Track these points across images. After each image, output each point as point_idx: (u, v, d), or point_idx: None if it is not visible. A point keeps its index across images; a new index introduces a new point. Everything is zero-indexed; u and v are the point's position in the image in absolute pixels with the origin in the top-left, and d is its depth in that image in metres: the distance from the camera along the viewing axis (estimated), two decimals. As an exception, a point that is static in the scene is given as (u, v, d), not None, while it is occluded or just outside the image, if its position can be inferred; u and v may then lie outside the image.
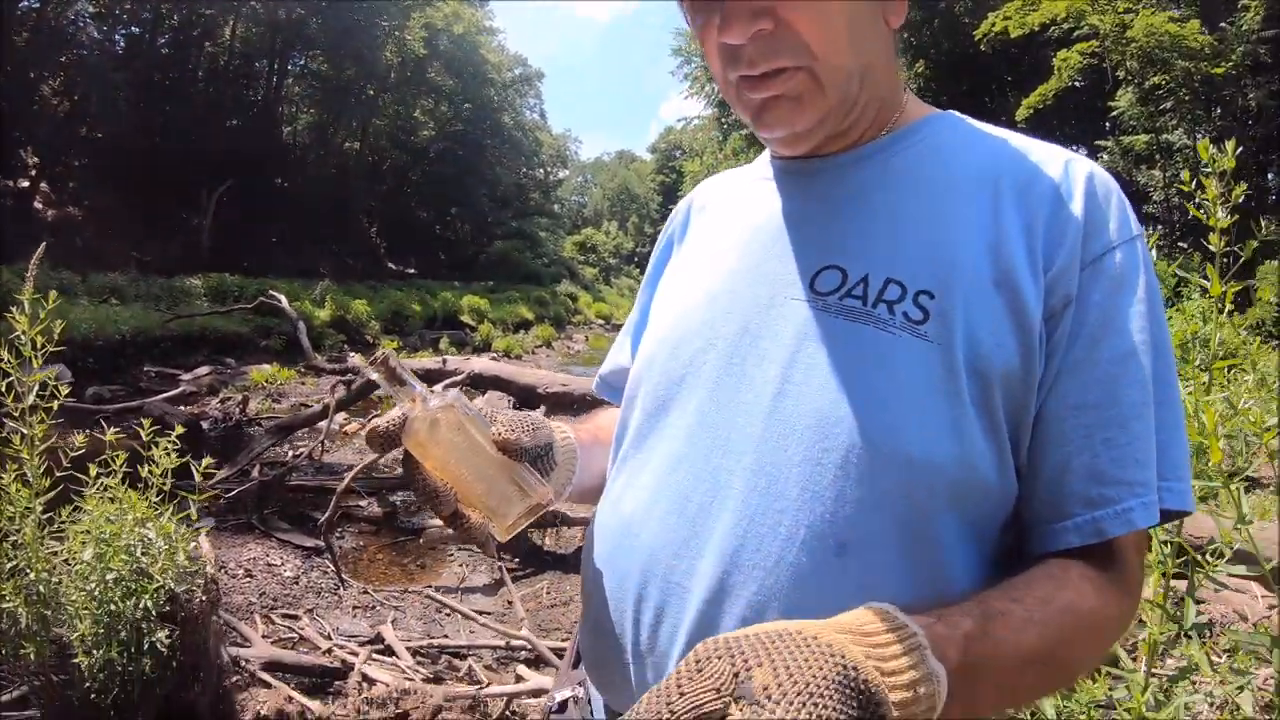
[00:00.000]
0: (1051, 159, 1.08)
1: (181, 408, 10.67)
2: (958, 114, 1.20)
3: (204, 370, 15.01)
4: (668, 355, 1.17)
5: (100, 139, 29.58)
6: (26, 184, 27.49)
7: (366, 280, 34.03)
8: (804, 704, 0.63)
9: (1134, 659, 2.35)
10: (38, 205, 27.32)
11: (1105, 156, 27.42)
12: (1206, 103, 23.14)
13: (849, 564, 0.95)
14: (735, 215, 1.27)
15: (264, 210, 35.13)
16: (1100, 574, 0.96)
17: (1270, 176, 24.14)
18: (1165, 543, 2.04)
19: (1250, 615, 3.98)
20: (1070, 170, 1.06)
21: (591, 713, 1.29)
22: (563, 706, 1.34)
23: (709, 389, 1.09)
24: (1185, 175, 2.01)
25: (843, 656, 0.68)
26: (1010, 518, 1.03)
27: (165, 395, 11.72)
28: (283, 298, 11.57)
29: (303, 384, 13.96)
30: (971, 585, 0.97)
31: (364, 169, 45.45)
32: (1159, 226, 24.99)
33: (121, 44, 32.23)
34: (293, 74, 41.42)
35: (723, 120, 42.15)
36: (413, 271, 44.75)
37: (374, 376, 1.09)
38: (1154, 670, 2.04)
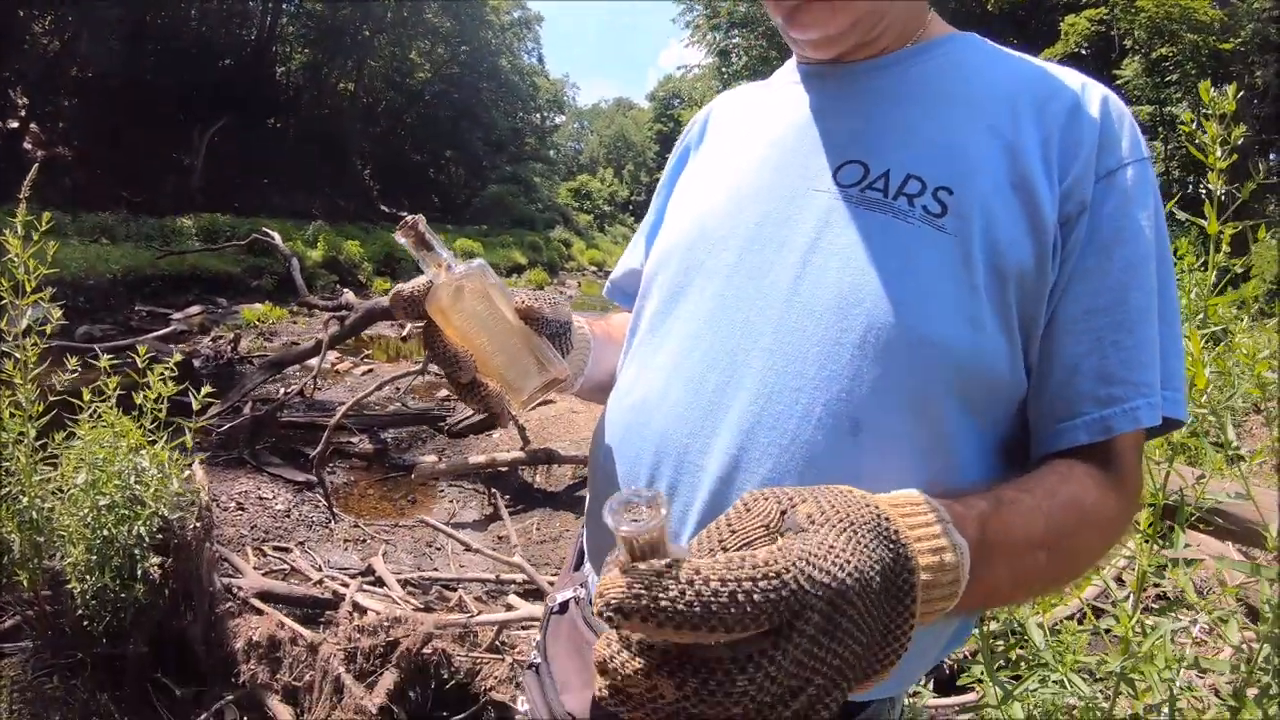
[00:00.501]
0: (1069, 79, 1.11)
1: (173, 346, 10.66)
2: (979, 36, 1.23)
3: (195, 309, 14.96)
4: (687, 246, 1.19)
5: (90, 79, 29.20)
6: (15, 124, 27.20)
7: (359, 221, 33.85)
8: (844, 530, 0.68)
9: (1123, 590, 2.38)
10: (27, 145, 27.07)
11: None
12: (1213, 78, 22.97)
13: (863, 443, 0.97)
14: (758, 118, 1.30)
15: (257, 151, 34.82)
16: (1104, 474, 1.00)
17: (1274, 157, 24.05)
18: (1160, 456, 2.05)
19: (1228, 580, 4.01)
20: (1086, 91, 1.10)
21: (593, 612, 1.32)
22: (564, 607, 1.37)
23: (728, 273, 1.11)
24: (1186, 116, 2.02)
25: (878, 508, 0.73)
26: (1018, 413, 1.07)
27: (157, 334, 11.71)
28: (276, 235, 11.52)
29: (294, 323, 13.94)
30: (980, 473, 1.03)
31: (358, 110, 44.92)
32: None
33: (113, -18, 31.68)
34: (287, 13, 40.80)
35: (723, 70, 41.74)
36: (405, 214, 44.47)
37: (402, 241, 1.10)
38: (1142, 601, 2.06)
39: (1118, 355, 1.00)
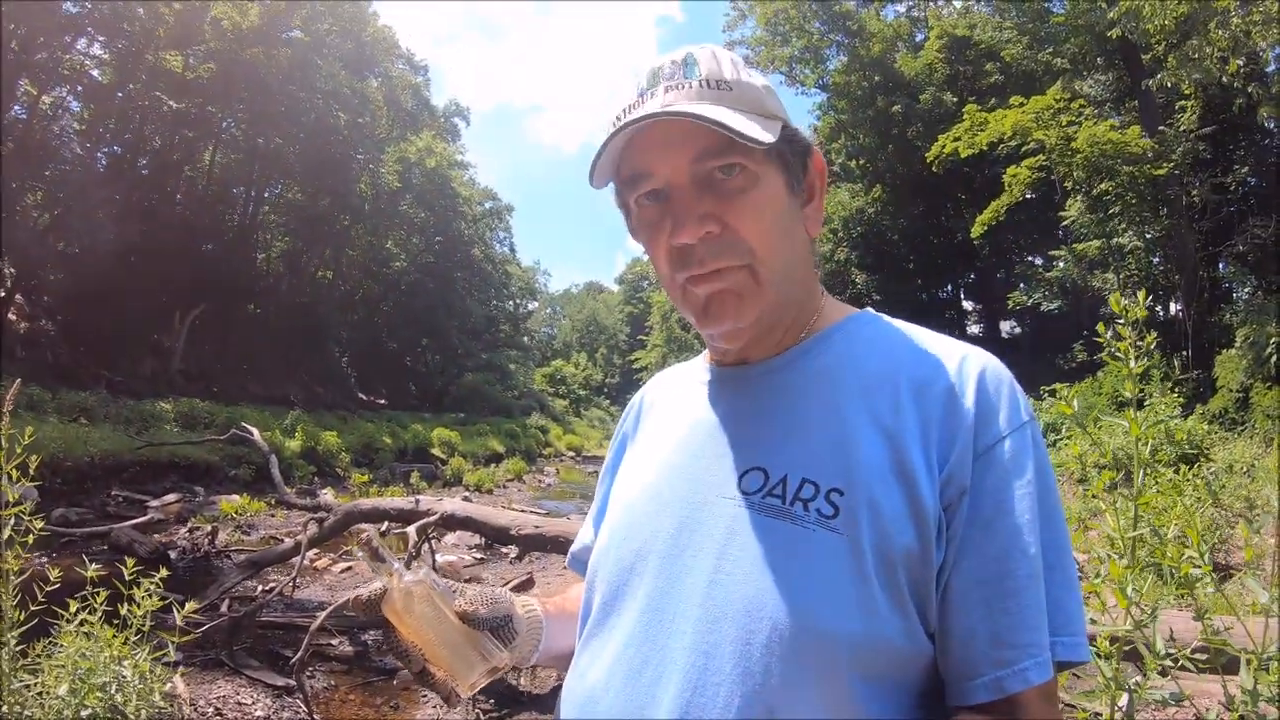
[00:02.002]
0: (949, 356, 1.24)
1: (150, 536, 10.52)
2: (874, 312, 1.40)
3: (172, 498, 14.83)
4: (619, 545, 1.33)
5: (78, 254, 29.54)
6: (2, 294, 27.42)
7: (336, 409, 33.93)
8: None
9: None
10: (11, 316, 27.20)
11: (1060, 264, 29.05)
12: (1154, 203, 24.04)
13: None
14: (676, 416, 1.45)
15: (236, 335, 35.17)
16: None
17: (1221, 266, 25.19)
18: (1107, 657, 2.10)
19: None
20: (964, 368, 1.21)
21: None
22: None
23: (654, 578, 1.24)
24: (1101, 327, 2.19)
25: None
26: (928, 673, 1.16)
27: (133, 522, 11.57)
28: (255, 430, 11.50)
29: (273, 516, 13.80)
30: None
31: (336, 298, 45.64)
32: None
33: (104, 162, 32.41)
34: (269, 201, 41.85)
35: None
36: (383, 402, 44.65)
37: (359, 554, 1.30)
38: None
39: (1005, 620, 1.09)
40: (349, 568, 10.37)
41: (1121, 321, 2.14)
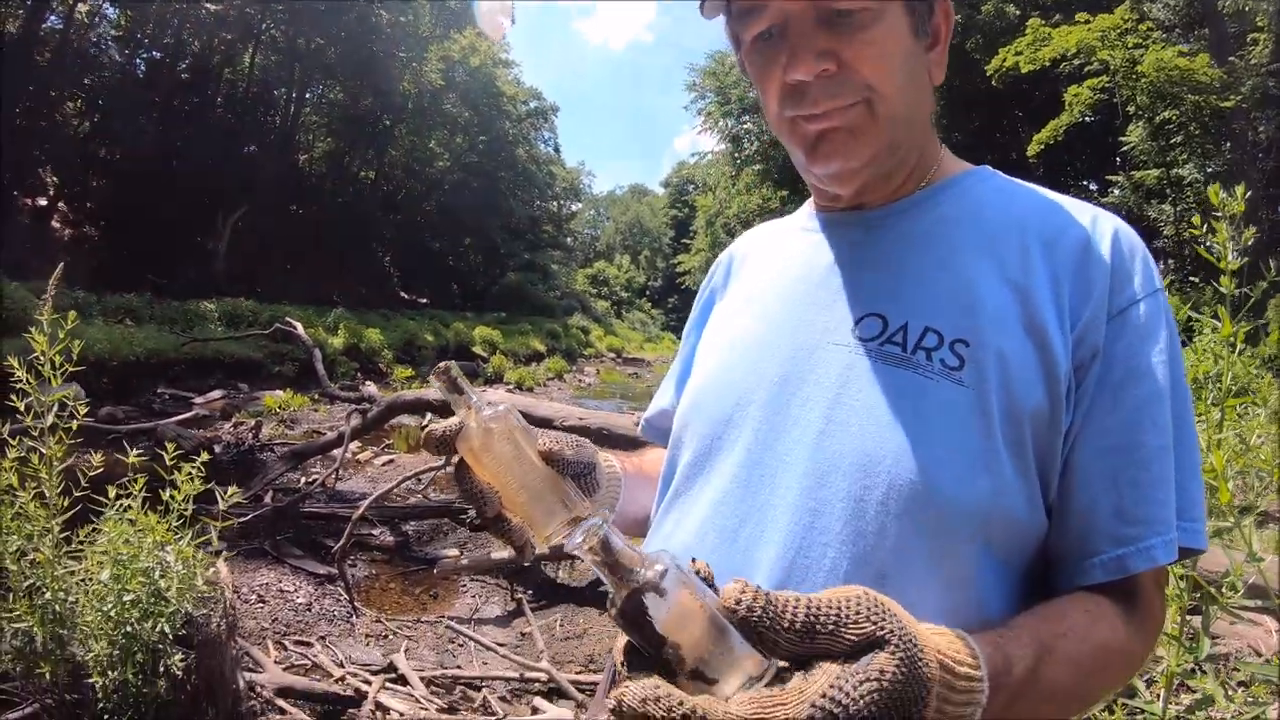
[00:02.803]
0: (1080, 214, 1.15)
1: (194, 431, 10.69)
2: (991, 169, 1.28)
3: (217, 394, 15.07)
4: (714, 399, 1.23)
5: (119, 160, 29.78)
6: (45, 202, 27.68)
7: (379, 309, 34.05)
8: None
9: (1152, 691, 2.33)
10: (55, 224, 27.51)
11: (1116, 191, 27.70)
12: (1217, 136, 23.05)
13: (888, 592, 0.93)
14: (778, 265, 1.34)
15: (279, 236, 35.27)
16: (1126, 612, 1.03)
17: None
18: (1182, 577, 2.06)
19: (1265, 650, 3.98)
20: (1097, 225, 1.13)
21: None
22: None
23: (755, 430, 1.15)
24: (1196, 220, 2.06)
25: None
26: (1039, 551, 1.08)
27: (178, 418, 11.74)
28: (298, 325, 11.58)
29: (315, 411, 13.97)
30: (1001, 607, 1.04)
31: (379, 198, 45.55)
32: (1169, 261, 24.96)
33: (143, 68, 32.58)
34: (310, 103, 41.68)
35: (735, 155, 42.19)
36: (425, 301, 44.79)
37: (436, 384, 1.12)
38: (1171, 702, 2.03)
39: (1132, 494, 1.02)
40: (391, 460, 10.49)
41: (1219, 215, 2.02)
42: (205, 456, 3.45)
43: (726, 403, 1.20)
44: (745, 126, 42.74)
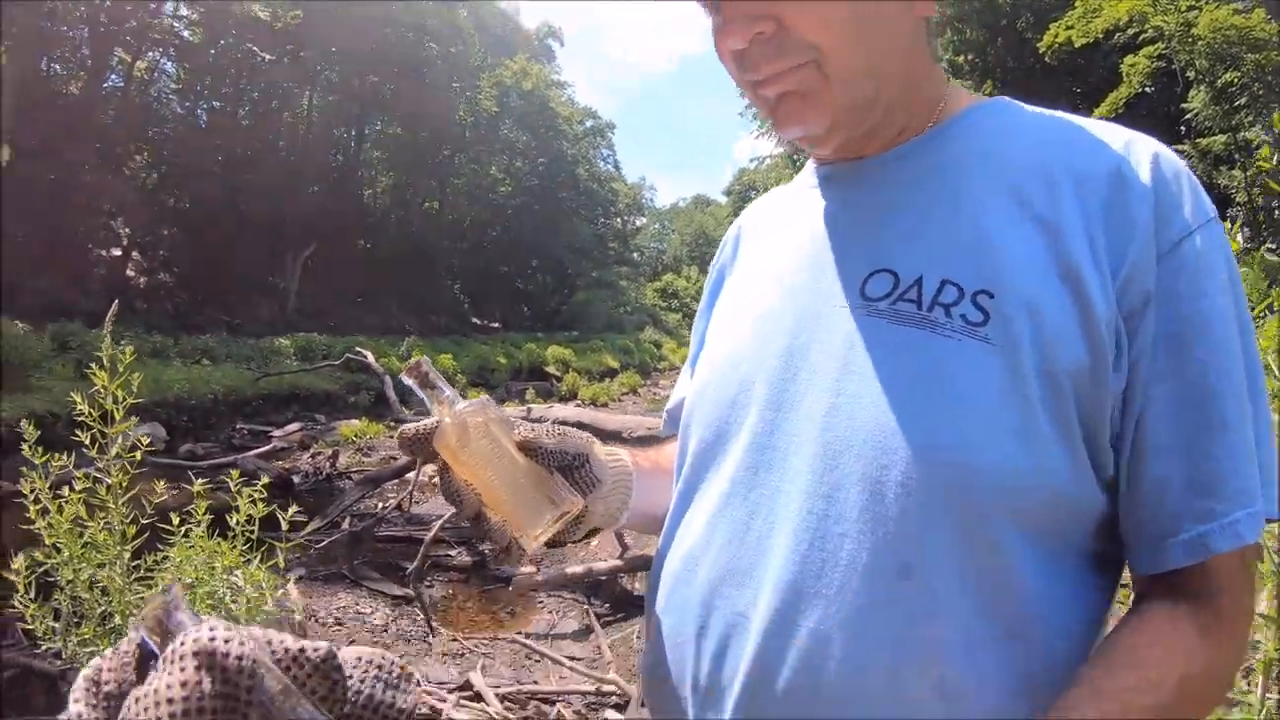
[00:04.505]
0: (1112, 139, 0.98)
1: (273, 463, 10.83)
2: (1007, 99, 1.11)
3: (294, 427, 15.27)
4: (719, 382, 1.12)
5: (188, 208, 30.67)
6: (119, 253, 28.49)
7: (451, 335, 34.47)
8: None
9: (1249, 681, 2.20)
10: (130, 273, 28.28)
11: (1184, 161, 26.57)
12: None
13: (914, 589, 0.89)
14: (782, 231, 1.21)
15: (348, 271, 35.89)
16: (1208, 613, 0.89)
17: None
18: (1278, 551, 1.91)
19: None
20: (1133, 152, 0.96)
21: None
22: None
23: (760, 411, 1.03)
24: (1265, 151, 1.93)
25: None
26: (1094, 535, 0.94)
27: (257, 451, 11.92)
28: (369, 354, 11.78)
29: (391, 437, 14.02)
30: (1044, 609, 0.90)
31: (444, 227, 46.18)
32: (1245, 230, 24.24)
33: (204, 118, 33.62)
34: (370, 139, 42.55)
35: (794, 158, 42.03)
36: (497, 325, 45.20)
37: (408, 381, 1.08)
38: (1272, 691, 1.90)
39: (1210, 462, 0.88)
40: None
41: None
42: (266, 480, 3.46)
43: (731, 384, 1.09)
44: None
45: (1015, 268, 0.92)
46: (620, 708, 4.26)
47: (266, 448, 12.56)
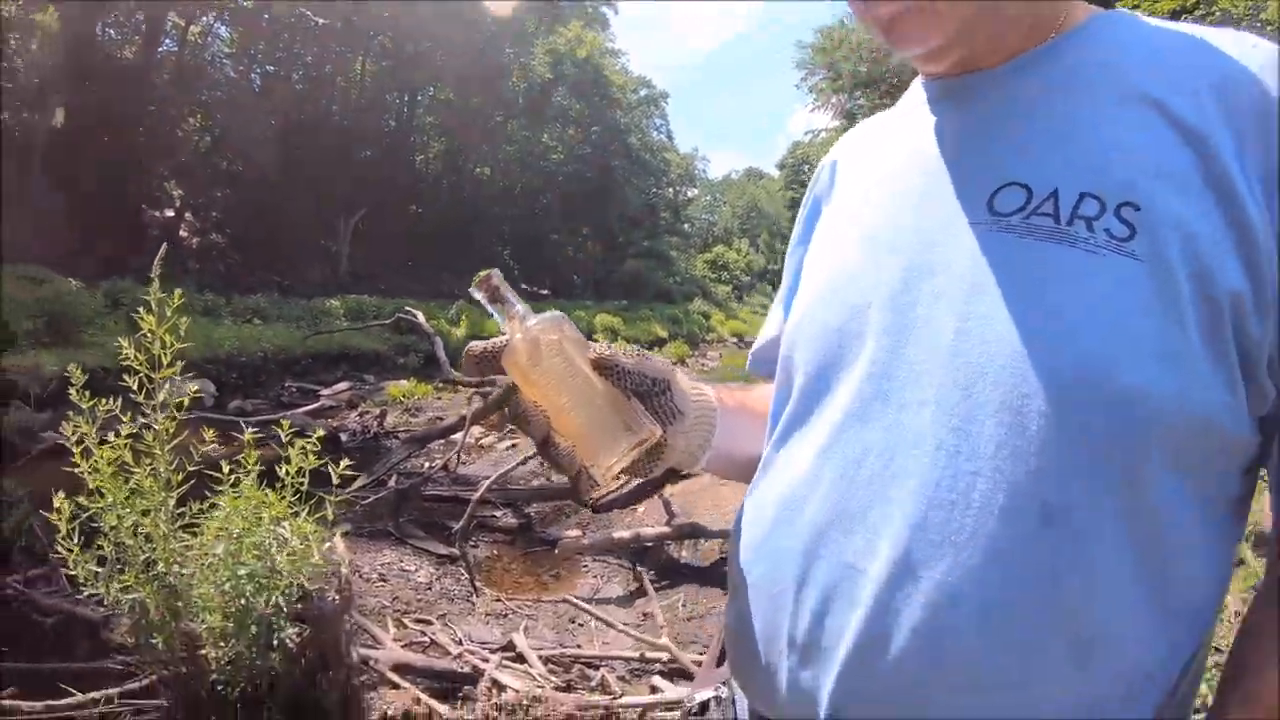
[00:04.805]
0: (1254, 47, 0.85)
1: (321, 421, 10.88)
2: (1126, 10, 0.99)
3: (343, 386, 15.36)
4: (827, 310, 1.00)
5: (241, 171, 30.91)
6: (171, 214, 28.84)
7: (501, 301, 34.58)
8: None
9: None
10: (183, 234, 28.62)
11: None
12: None
13: (1057, 534, 0.77)
14: (890, 153, 1.09)
15: (399, 236, 36.10)
16: None
17: None
18: None
19: None
20: (1274, 59, 0.83)
21: (735, 715, 1.13)
22: (704, 707, 1.21)
23: (877, 338, 0.91)
24: None
25: None
26: (1238, 478, 0.83)
27: (305, 409, 12.01)
28: (419, 315, 11.74)
29: (439, 399, 14.13)
30: (1200, 555, 0.81)
31: (495, 194, 46.18)
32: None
33: (258, 82, 33.94)
34: (423, 104, 42.61)
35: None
36: (546, 292, 45.22)
37: (477, 295, 1.00)
38: None
39: None
40: (513, 445, 10.49)
41: None
42: (320, 433, 3.42)
43: (842, 311, 0.97)
44: (859, 102, 42.04)
45: (1162, 178, 0.80)
46: (668, 675, 4.18)
47: (314, 405, 12.66)
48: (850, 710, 0.85)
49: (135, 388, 2.96)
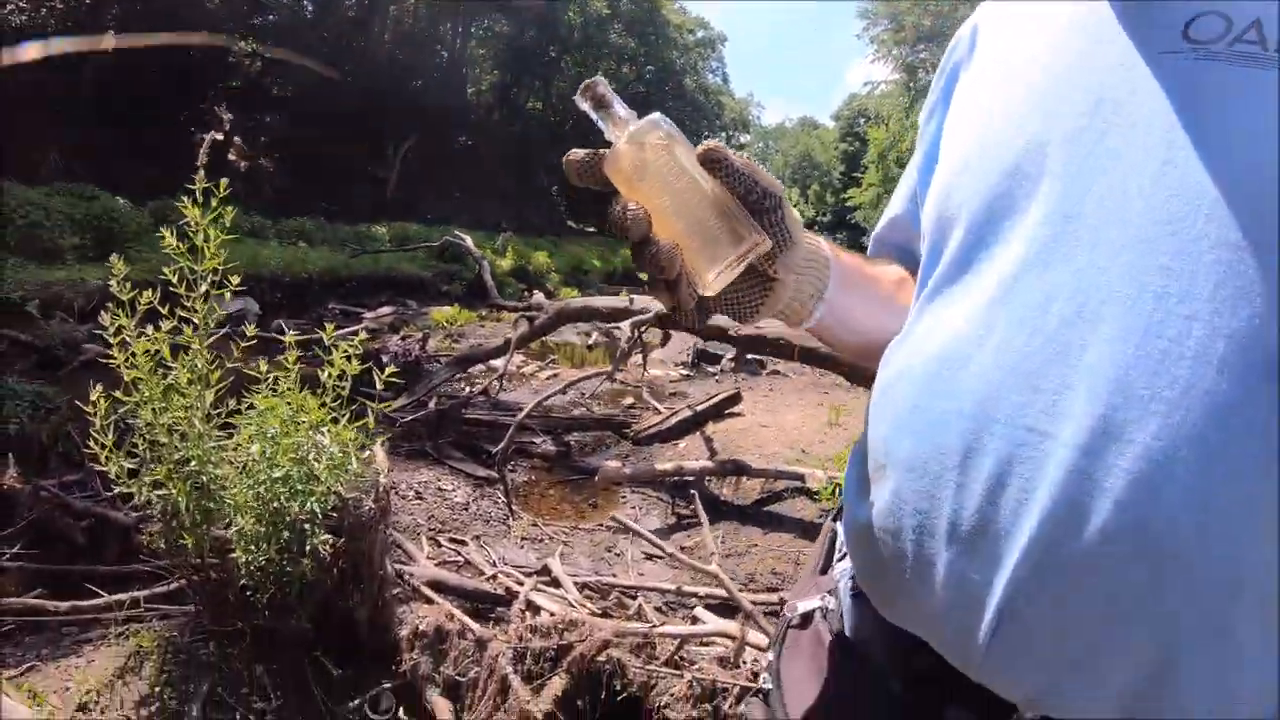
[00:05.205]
0: None
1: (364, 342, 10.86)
2: None
3: (387, 310, 15.39)
4: (988, 157, 0.88)
5: (291, 97, 30.90)
6: (221, 138, 28.96)
7: (547, 235, 34.50)
8: None
9: None
10: (230, 157, 28.74)
11: None
12: None
13: None
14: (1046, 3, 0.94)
15: (447, 167, 36.06)
16: None
17: None
18: None
19: None
20: None
21: (845, 626, 1.00)
22: (806, 620, 1.07)
23: (1059, 176, 0.80)
24: None
25: None
26: None
27: (347, 330, 11.97)
28: (467, 239, 11.70)
29: (482, 327, 14.09)
30: None
31: (546, 128, 45.96)
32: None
33: (311, 9, 33.64)
34: (476, 36, 42.41)
35: (910, 86, 40.90)
36: (592, 230, 45.13)
37: (581, 104, 0.94)
38: None
39: None
40: (555, 374, 10.45)
41: None
42: (364, 336, 3.33)
43: (1012, 149, 0.85)
44: (920, 55, 41.38)
45: None
46: (714, 609, 4.07)
47: (357, 327, 12.63)
48: (1027, 608, 0.71)
49: (174, 280, 2.89)
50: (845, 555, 1.05)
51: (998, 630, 0.73)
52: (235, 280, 3.02)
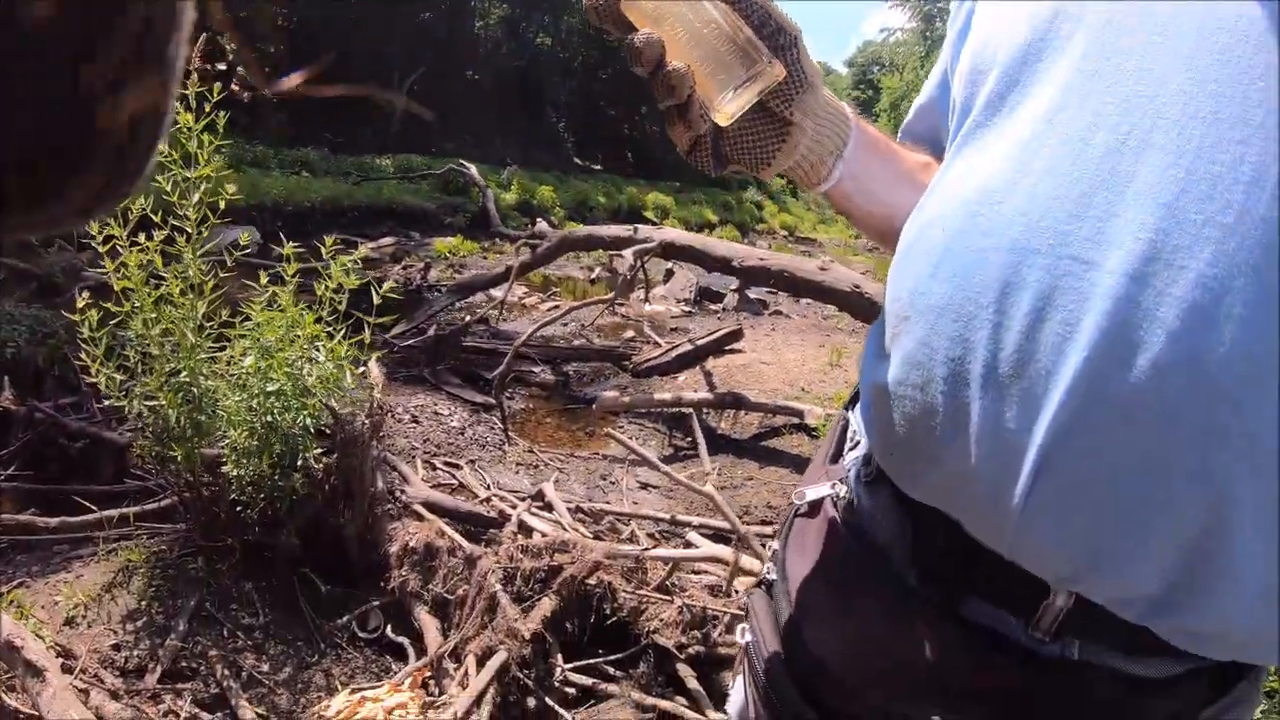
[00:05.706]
0: None
1: (364, 272, 10.83)
2: None
3: (389, 240, 15.30)
4: (1030, 10, 0.81)
5: (294, 26, 30.55)
6: (224, 67, 28.69)
7: (553, 171, 34.28)
8: None
9: None
10: (234, 87, 28.52)
11: None
12: None
13: None
14: None
15: (453, 100, 35.68)
16: None
17: None
18: None
19: None
20: None
21: (856, 511, 0.96)
22: (814, 508, 1.03)
23: (1101, 13, 0.74)
24: None
25: None
26: None
27: (349, 258, 11.92)
28: (472, 168, 11.58)
29: (485, 258, 13.98)
30: None
31: (555, 64, 45.43)
32: None
33: (316, -64, 33.19)
34: (486, -33, 41.72)
35: (926, 35, 40.40)
36: (599, 168, 44.83)
37: None
38: None
39: None
40: (556, 306, 10.37)
41: None
42: (364, 251, 3.30)
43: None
44: (939, 4, 40.87)
45: None
46: (708, 539, 4.06)
47: (356, 255, 12.60)
48: (1071, 454, 0.67)
49: (168, 188, 2.86)
50: (857, 444, 1.00)
51: (1034, 486, 0.69)
52: (231, 189, 2.98)
